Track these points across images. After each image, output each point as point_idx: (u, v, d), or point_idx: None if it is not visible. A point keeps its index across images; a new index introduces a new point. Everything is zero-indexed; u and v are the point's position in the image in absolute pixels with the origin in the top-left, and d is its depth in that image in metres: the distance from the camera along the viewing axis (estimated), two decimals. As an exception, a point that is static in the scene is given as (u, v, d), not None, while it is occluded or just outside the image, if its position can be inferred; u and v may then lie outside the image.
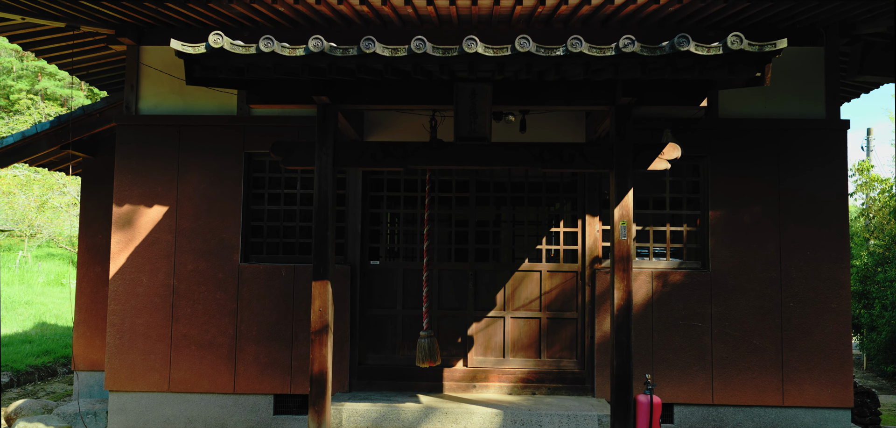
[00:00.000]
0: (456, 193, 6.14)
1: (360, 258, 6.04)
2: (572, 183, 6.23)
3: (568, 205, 6.26)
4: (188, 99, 6.17)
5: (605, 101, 4.74)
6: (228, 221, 6.03)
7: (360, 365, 6.02)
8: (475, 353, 6.03)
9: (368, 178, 6.16)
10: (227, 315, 5.98)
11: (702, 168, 6.02)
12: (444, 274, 6.09)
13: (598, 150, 4.78)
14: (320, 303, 4.73)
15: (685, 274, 5.85)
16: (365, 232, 6.12)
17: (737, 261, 5.85)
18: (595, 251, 5.96)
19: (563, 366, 5.97)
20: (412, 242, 6.23)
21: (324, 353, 4.72)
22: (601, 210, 6.01)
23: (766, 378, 5.76)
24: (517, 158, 4.79)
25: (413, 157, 4.80)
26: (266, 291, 5.97)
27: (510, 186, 6.14)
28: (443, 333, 6.05)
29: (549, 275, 6.04)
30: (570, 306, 6.02)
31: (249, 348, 5.95)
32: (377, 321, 6.11)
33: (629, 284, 4.65)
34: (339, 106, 4.85)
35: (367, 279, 6.10)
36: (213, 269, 6.00)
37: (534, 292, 6.04)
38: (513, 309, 6.04)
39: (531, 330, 6.03)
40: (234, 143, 6.08)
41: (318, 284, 4.73)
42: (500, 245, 6.20)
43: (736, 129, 5.92)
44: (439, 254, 6.24)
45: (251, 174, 6.17)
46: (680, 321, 5.83)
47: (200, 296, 6.00)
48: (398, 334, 6.09)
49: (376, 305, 6.11)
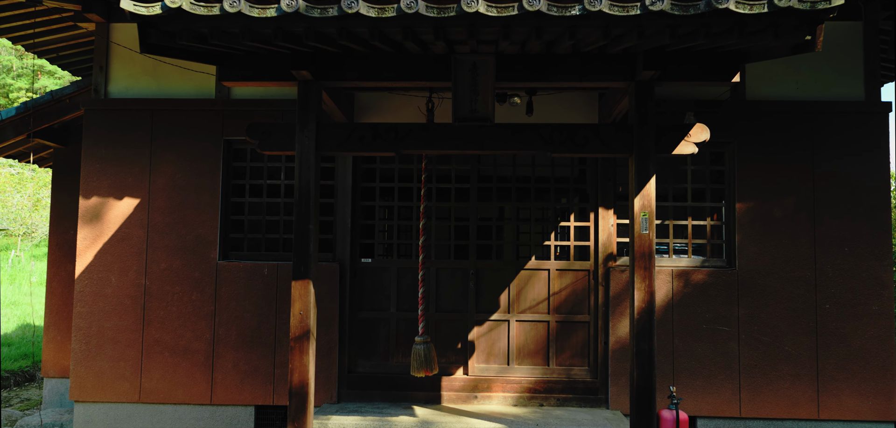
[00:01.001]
0: (455, 184, 5.58)
1: (350, 255, 5.49)
2: (581, 173, 5.67)
3: (578, 197, 5.70)
4: (162, 81, 5.63)
5: (624, 75, 4.18)
6: (206, 214, 5.49)
7: (350, 373, 5.47)
8: (477, 360, 5.48)
9: (359, 167, 5.61)
10: (203, 318, 5.43)
11: (727, 156, 5.45)
12: (443, 273, 5.54)
13: (616, 133, 4.22)
14: (301, 305, 4.18)
15: (709, 273, 5.28)
16: (355, 227, 5.57)
17: (766, 258, 5.28)
18: (609, 248, 5.39)
19: (573, 374, 5.40)
20: (408, 238, 5.68)
21: (305, 362, 4.17)
22: (616, 202, 5.44)
23: (799, 388, 5.19)
24: (523, 142, 4.23)
25: (407, 141, 4.25)
26: (247, 292, 5.42)
27: (515, 180, 5.58)
28: (441, 339, 5.50)
29: (558, 274, 5.48)
30: (582, 308, 5.46)
31: (228, 355, 5.40)
32: (369, 325, 5.55)
33: (651, 284, 4.09)
34: (322, 83, 4.30)
35: (357, 279, 5.55)
36: (188, 267, 5.46)
37: (541, 293, 5.48)
38: (518, 311, 5.48)
39: (538, 335, 5.47)
40: (213, 129, 5.54)
41: (298, 284, 4.18)
42: (504, 241, 5.65)
43: (765, 113, 5.35)
44: (437, 251, 5.69)
45: (231, 163, 5.63)
46: (703, 325, 5.26)
47: (175, 297, 5.45)
48: (392, 339, 5.53)
49: (368, 306, 5.56)
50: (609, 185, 5.42)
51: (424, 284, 4.86)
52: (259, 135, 4.29)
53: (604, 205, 5.41)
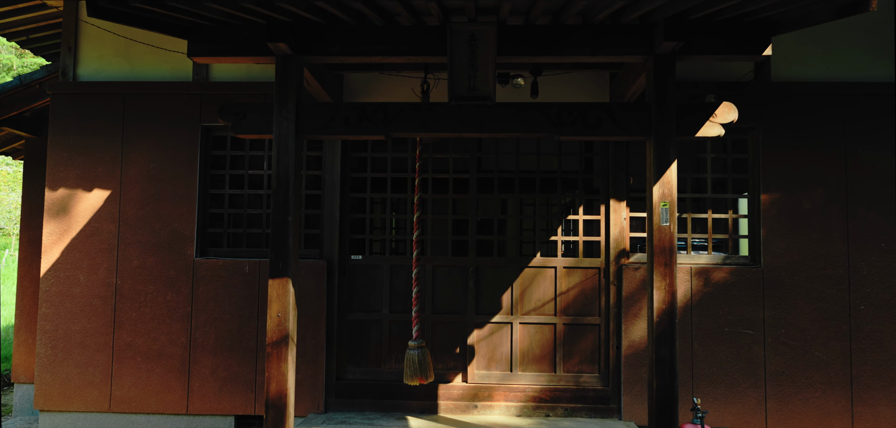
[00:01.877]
0: (454, 174, 5.13)
1: (339, 252, 5.04)
2: (591, 162, 5.21)
3: (588, 189, 5.24)
4: (135, 63, 5.19)
5: (641, 48, 3.72)
6: (182, 207, 5.04)
7: (339, 380, 5.01)
8: (477, 366, 5.02)
9: (349, 157, 5.16)
10: (179, 320, 4.99)
11: (750, 142, 4.98)
12: (440, 271, 5.08)
13: (633, 113, 3.75)
14: (279, 306, 3.73)
15: (731, 270, 4.81)
16: (345, 221, 5.11)
17: (794, 254, 4.81)
18: (621, 243, 4.93)
19: (583, 382, 4.94)
20: (402, 234, 5.23)
21: (283, 369, 3.71)
22: (628, 194, 4.98)
23: (831, 397, 4.72)
24: (528, 123, 3.77)
25: (397, 122, 3.79)
26: (226, 292, 4.97)
27: (518, 171, 5.12)
28: (438, 343, 5.04)
29: (565, 272, 5.01)
30: (592, 310, 4.99)
31: (206, 360, 4.95)
32: (359, 327, 5.10)
33: (672, 283, 3.63)
34: (303, 58, 3.85)
35: (347, 277, 5.10)
36: (163, 264, 5.02)
37: (547, 293, 5.02)
38: (522, 313, 5.02)
39: (544, 338, 5.01)
40: (190, 114, 5.09)
41: (276, 283, 3.73)
42: (507, 236, 5.18)
43: (792, 96, 4.88)
44: (434, 247, 5.24)
45: (209, 152, 5.18)
46: (725, 328, 4.79)
47: (148, 297, 5.01)
48: (384, 343, 5.08)
49: (358, 307, 5.11)
50: (621, 175, 4.96)
51: (419, 283, 4.41)
52: (233, 116, 3.84)
53: (616, 196, 4.95)
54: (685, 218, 5.00)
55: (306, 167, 5.13)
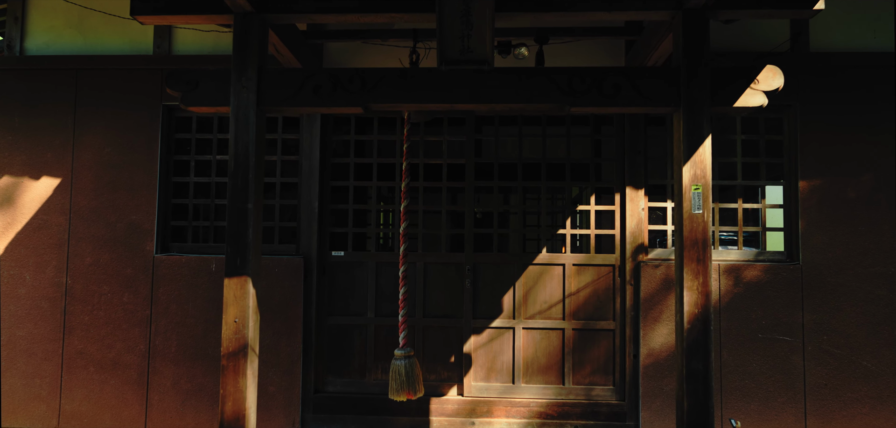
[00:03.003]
0: (448, 159, 4.53)
1: (318, 247, 4.44)
2: (600, 144, 4.61)
3: (600, 174, 4.63)
4: (90, 35, 4.61)
5: (668, 2, 3.12)
6: (140, 197, 4.46)
7: (318, 393, 4.42)
8: (474, 376, 4.42)
9: (330, 139, 4.57)
10: (137, 325, 4.40)
11: (786, 122, 4.37)
12: (433, 269, 4.48)
13: (658, 80, 3.14)
14: (237, 311, 3.14)
15: (765, 268, 4.20)
16: (324, 212, 4.52)
17: (838, 250, 4.19)
18: (639, 237, 4.32)
19: (595, 395, 4.33)
20: (389, 227, 4.62)
21: (241, 385, 3.12)
22: (646, 181, 4.37)
23: (882, 414, 4.11)
24: (533, 92, 3.16)
25: (378, 91, 3.19)
26: (190, 293, 4.39)
27: (521, 162, 4.51)
28: (429, 351, 4.45)
29: (575, 270, 4.41)
30: (605, 313, 4.39)
31: (167, 370, 4.36)
32: (341, 333, 4.51)
33: (707, 283, 3.02)
34: (267, 17, 3.26)
35: (327, 276, 4.50)
36: (119, 262, 4.43)
37: (554, 294, 4.42)
38: (526, 317, 4.41)
39: (551, 345, 4.40)
40: (150, 93, 4.50)
41: (233, 283, 3.14)
42: (509, 229, 4.58)
43: (834, 69, 4.27)
44: (426, 241, 4.64)
45: (173, 135, 4.59)
46: (759, 334, 4.18)
47: (102, 299, 4.43)
48: (369, 351, 4.48)
49: (340, 310, 4.51)
50: (638, 159, 4.35)
51: (407, 283, 3.80)
52: (182, 85, 3.25)
53: (632, 184, 4.34)
54: (712, 208, 4.38)
55: (281, 151, 4.54)
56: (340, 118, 4.62)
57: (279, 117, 4.55)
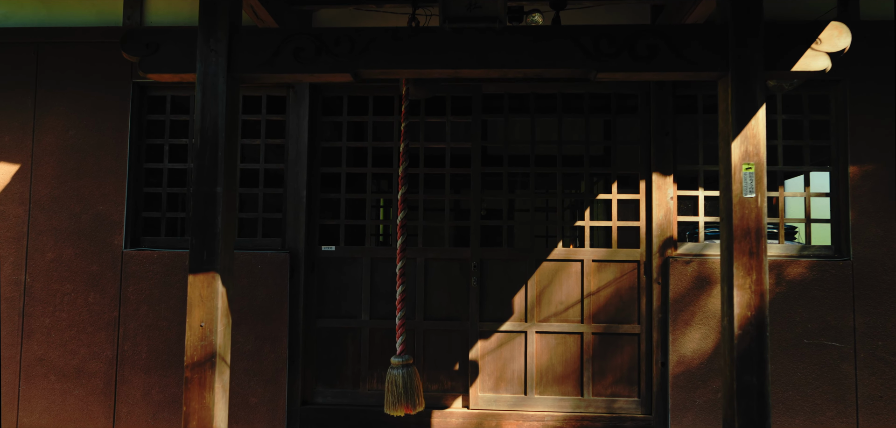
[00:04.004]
0: (452, 143, 4.05)
1: (307, 242, 3.96)
2: (623, 126, 4.12)
3: (623, 161, 4.15)
4: (53, 5, 4.14)
5: (713, -53, 2.63)
6: (108, 185, 3.99)
7: (306, 405, 3.94)
8: (482, 387, 3.93)
9: (320, 120, 4.09)
10: (103, 328, 3.93)
11: (834, 100, 3.88)
12: (435, 266, 4.00)
13: (700, 40, 2.65)
14: (203, 313, 2.66)
15: (811, 265, 3.71)
16: (313, 202, 4.04)
17: (894, 244, 3.70)
18: (667, 230, 3.83)
19: (618, 408, 3.85)
20: (388, 220, 4.14)
21: (207, 401, 2.64)
22: (675, 167, 3.88)
23: (945, 430, 3.61)
24: (552, 55, 2.68)
25: (370, 55, 2.71)
26: (163, 292, 3.91)
27: (534, 144, 4.03)
28: (431, 357, 3.97)
29: (595, 267, 3.92)
30: (629, 315, 3.90)
31: (136, 379, 3.89)
32: (332, 337, 4.03)
33: (762, 280, 2.54)
34: (239, -32, 2.78)
35: (316, 274, 4.03)
36: (84, 257, 3.96)
37: (572, 294, 3.93)
38: (539, 319, 3.93)
39: (568, 352, 3.92)
40: (119, 69, 4.03)
41: (199, 280, 2.66)
42: (519, 221, 4.09)
43: (888, 39, 3.77)
44: (427, 235, 4.16)
45: (144, 116, 4.12)
46: (804, 339, 3.69)
47: (65, 299, 3.96)
48: (364, 357, 4.00)
49: (331, 312, 4.03)
50: (666, 141, 3.86)
51: (405, 281, 3.32)
52: (141, 48, 2.78)
53: (659, 169, 3.85)
54: (749, 197, 3.89)
55: (266, 134, 4.07)
56: (332, 97, 4.15)
57: (263, 96, 4.07)
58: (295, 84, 3.98)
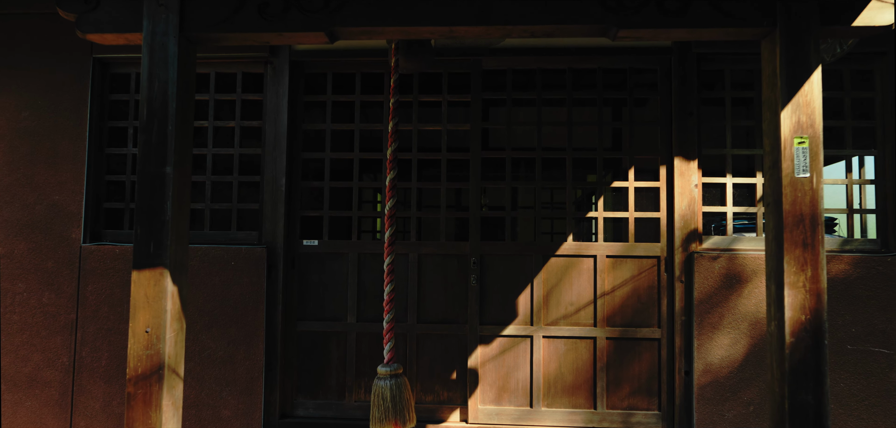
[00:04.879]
0: (449, 125, 3.62)
1: (286, 235, 3.54)
2: (639, 102, 3.69)
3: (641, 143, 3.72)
4: (5, -27, 3.72)
5: None
6: (65, 172, 3.58)
7: (285, 418, 3.52)
8: (482, 398, 3.50)
9: (300, 100, 3.67)
10: (59, 331, 3.52)
11: (879, 75, 3.44)
12: (430, 262, 3.57)
13: (741, -10, 2.22)
14: (149, 317, 2.24)
15: (854, 261, 3.27)
16: (294, 191, 3.62)
17: (950, 237, 3.27)
18: (691, 222, 3.39)
19: (635, 422, 3.41)
20: (378, 210, 3.71)
21: (153, 423, 2.21)
22: (700, 151, 3.44)
23: None
24: (566, 8, 2.25)
25: (346, 11, 2.28)
26: (126, 291, 3.50)
27: (542, 135, 3.59)
28: (425, 365, 3.54)
29: (609, 263, 3.48)
30: (648, 317, 3.46)
31: (96, 389, 3.48)
32: (314, 342, 3.60)
33: (819, 278, 2.10)
34: None
35: (297, 271, 3.60)
36: (37, 253, 3.55)
37: (583, 293, 3.50)
38: (547, 322, 3.50)
39: (580, 359, 3.48)
40: (79, 44, 3.62)
41: (144, 278, 2.24)
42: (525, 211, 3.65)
43: (944, 4, 3.32)
44: (421, 227, 3.74)
45: (106, 95, 3.70)
46: (848, 345, 3.25)
47: (16, 299, 3.54)
48: (350, 365, 3.57)
49: (313, 313, 3.61)
50: (689, 122, 3.43)
51: (394, 279, 2.89)
52: (79, 3, 2.35)
53: (682, 153, 3.42)
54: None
55: (241, 115, 3.65)
56: (315, 74, 3.72)
57: (238, 73, 3.65)
58: (273, 59, 3.56)
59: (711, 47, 3.42)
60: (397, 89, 2.89)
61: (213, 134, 3.65)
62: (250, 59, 3.58)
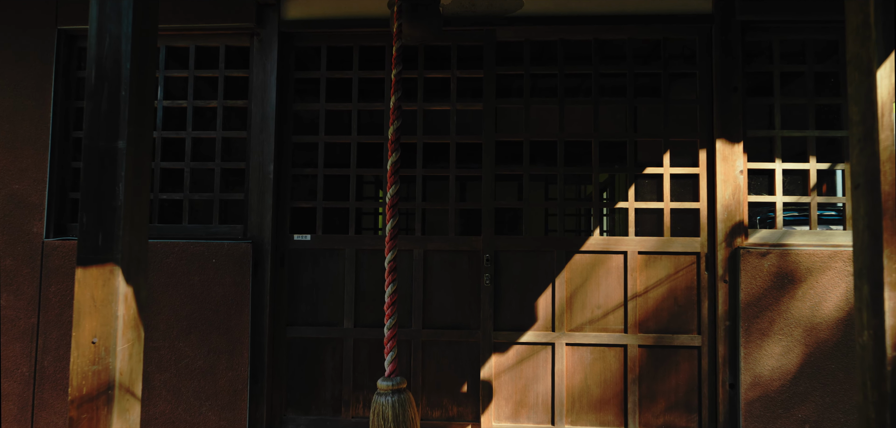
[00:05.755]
0: (458, 103, 3.21)
1: (274, 229, 3.13)
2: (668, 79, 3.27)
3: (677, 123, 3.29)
4: (-39, -65, 3.32)
5: None
6: (25, 158, 3.17)
7: (273, 436, 3.11)
8: (496, 414, 3.08)
9: (291, 76, 3.26)
10: (18, 338, 3.11)
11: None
12: (437, 259, 3.15)
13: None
14: (96, 324, 1.82)
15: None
16: (283, 179, 3.21)
17: None
18: (736, 213, 2.97)
19: (672, 442, 2.99)
20: (379, 202, 3.29)
21: (101, 455, 1.80)
22: (745, 133, 3.02)
23: None
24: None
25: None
26: (92, 293, 3.08)
27: (565, 114, 3.17)
28: (432, 376, 3.12)
29: (642, 260, 3.06)
30: (687, 322, 3.04)
31: (59, 403, 3.08)
32: (307, 350, 3.19)
33: (929, 275, 1.67)
34: None
35: (287, 270, 3.19)
36: (-6, 249, 3.15)
37: (612, 295, 3.07)
38: (571, 328, 3.07)
39: (608, 369, 3.06)
40: (41, 15, 3.22)
41: (90, 277, 1.83)
42: (545, 202, 3.24)
43: None
44: (427, 220, 3.32)
45: (73, 73, 3.30)
46: (919, 354, 2.81)
47: (-30, 301, 3.14)
48: (346, 376, 3.16)
49: (305, 318, 3.19)
50: (734, 97, 3.00)
51: (397, 278, 2.47)
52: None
53: (725, 135, 2.99)
54: (839, 168, 3.05)
55: (224, 93, 3.24)
56: (307, 48, 3.32)
57: (221, 47, 3.24)
58: (260, 30, 3.15)
59: (758, 13, 2.99)
60: (400, 60, 2.48)
61: (193, 115, 3.24)
62: (234, 30, 3.18)
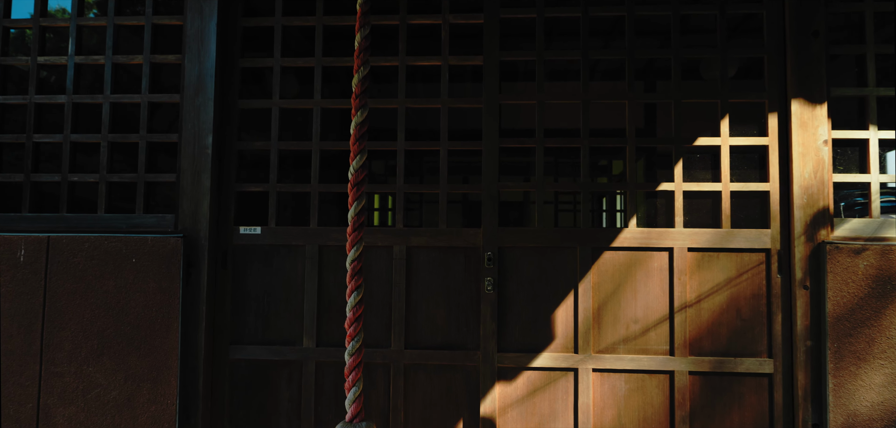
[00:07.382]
0: (451, 58, 2.49)
1: (213, 219, 2.42)
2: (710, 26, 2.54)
3: (738, 80, 2.55)
4: None
5: None
6: None
7: (210, 488, 2.40)
8: (501, 460, 2.36)
9: (236, 24, 2.55)
10: None
11: None
12: (423, 258, 2.43)
13: None
14: None
15: None
16: (226, 156, 2.50)
17: None
18: (819, 198, 2.23)
19: (735, 501, 2.26)
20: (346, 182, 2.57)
21: None
22: (829, 92, 2.28)
23: None
24: None
25: None
26: (23, 302, 2.40)
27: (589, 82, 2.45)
28: (416, 412, 2.40)
29: (693, 260, 2.33)
30: (752, 341, 2.30)
31: (-65, 444, 2.38)
32: (256, 376, 2.47)
33: None
34: None
35: (230, 272, 2.48)
36: None
37: (653, 305, 2.34)
38: (598, 349, 2.34)
39: (649, 404, 2.33)
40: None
41: None
42: (561, 186, 2.51)
43: None
44: (411, 208, 2.61)
45: (-37, 21, 2.61)
46: None
47: None
48: (307, 407, 2.45)
49: (253, 335, 2.48)
50: (815, 45, 2.27)
51: (361, 284, 1.75)
52: None
53: (804, 94, 2.26)
54: (960, 140, 2.30)
55: (151, 47, 2.53)
56: (259, -10, 2.61)
57: (148, -13, 2.54)
58: (195, -38, 2.44)
59: (848, -68, 2.26)
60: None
61: (113, 74, 2.54)
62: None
